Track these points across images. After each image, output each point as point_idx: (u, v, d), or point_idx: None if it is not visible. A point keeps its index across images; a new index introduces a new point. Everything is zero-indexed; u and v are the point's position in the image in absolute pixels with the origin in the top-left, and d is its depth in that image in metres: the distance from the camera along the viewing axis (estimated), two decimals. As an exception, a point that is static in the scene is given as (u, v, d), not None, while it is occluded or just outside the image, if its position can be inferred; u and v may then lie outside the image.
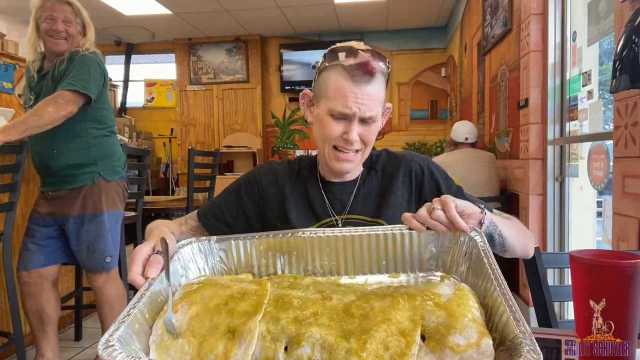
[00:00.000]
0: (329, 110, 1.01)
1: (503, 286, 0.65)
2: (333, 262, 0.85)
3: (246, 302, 0.68)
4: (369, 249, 0.85)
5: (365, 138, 1.03)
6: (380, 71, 1.00)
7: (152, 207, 3.17)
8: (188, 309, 0.69)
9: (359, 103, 0.99)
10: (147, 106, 7.18)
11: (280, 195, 1.12)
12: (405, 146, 6.45)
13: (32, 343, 2.70)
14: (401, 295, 0.67)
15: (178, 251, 0.82)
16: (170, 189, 6.74)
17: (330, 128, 1.02)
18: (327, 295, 0.70)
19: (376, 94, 1.00)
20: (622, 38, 1.37)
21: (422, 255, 0.84)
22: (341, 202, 1.11)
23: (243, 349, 0.62)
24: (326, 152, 1.06)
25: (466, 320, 0.62)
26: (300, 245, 0.85)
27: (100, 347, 0.58)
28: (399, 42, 6.50)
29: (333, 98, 1.00)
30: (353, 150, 1.03)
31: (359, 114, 0.99)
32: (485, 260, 0.73)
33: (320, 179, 1.14)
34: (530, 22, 2.79)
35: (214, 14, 5.73)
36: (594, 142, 2.29)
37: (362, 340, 0.61)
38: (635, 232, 1.70)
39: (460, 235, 0.81)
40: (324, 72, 1.03)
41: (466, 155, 3.30)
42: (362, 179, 1.13)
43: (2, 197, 2.33)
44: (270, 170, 1.16)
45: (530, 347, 0.53)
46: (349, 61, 0.98)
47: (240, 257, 0.86)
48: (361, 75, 0.97)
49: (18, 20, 5.68)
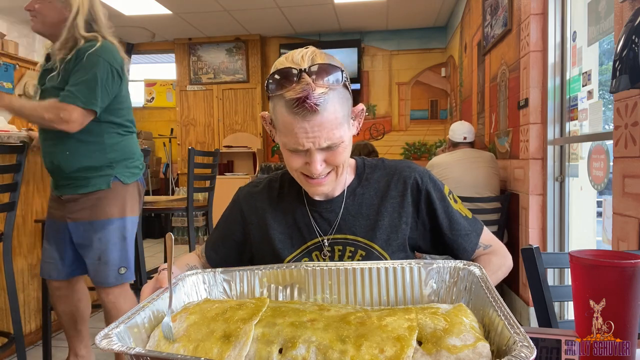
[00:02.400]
0: (284, 145, 0.93)
1: (499, 302, 0.66)
2: (334, 295, 0.86)
3: (244, 311, 0.69)
4: (371, 283, 0.86)
5: (333, 161, 0.94)
6: (329, 90, 0.87)
7: (152, 207, 3.17)
8: (187, 318, 0.70)
9: (310, 138, 0.88)
10: (147, 106, 7.18)
11: (262, 222, 1.07)
12: (405, 146, 6.46)
13: (32, 343, 2.70)
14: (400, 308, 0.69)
15: (184, 279, 0.85)
16: (170, 189, 6.74)
17: (292, 161, 0.94)
18: (325, 307, 0.71)
19: (330, 120, 0.88)
20: (622, 38, 1.37)
21: (423, 291, 0.85)
22: (328, 220, 1.04)
23: (237, 350, 0.62)
24: (297, 178, 0.99)
25: (463, 326, 0.62)
26: (302, 277, 0.87)
27: (99, 338, 0.60)
28: (399, 42, 6.50)
29: (284, 134, 0.91)
30: (323, 175, 0.95)
31: (314, 147, 0.90)
32: (482, 284, 0.74)
33: (305, 195, 1.06)
34: (530, 22, 2.79)
35: (214, 14, 5.73)
36: (594, 142, 2.29)
37: (358, 343, 0.61)
38: (635, 232, 1.70)
39: (461, 270, 0.83)
40: (271, 100, 0.92)
41: (466, 155, 3.30)
42: (351, 192, 1.05)
43: (2, 197, 2.33)
44: (249, 195, 1.11)
45: (524, 344, 0.53)
46: (289, 94, 0.86)
47: (243, 289, 0.88)
48: (305, 111, 0.85)
49: (18, 20, 5.68)
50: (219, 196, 3.56)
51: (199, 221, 5.73)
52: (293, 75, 0.86)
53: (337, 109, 0.89)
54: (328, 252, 1.03)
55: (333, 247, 1.03)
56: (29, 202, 2.67)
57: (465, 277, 0.81)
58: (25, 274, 2.64)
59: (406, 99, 6.56)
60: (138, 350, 0.57)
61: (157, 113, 7.22)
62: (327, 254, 1.02)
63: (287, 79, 0.87)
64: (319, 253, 1.03)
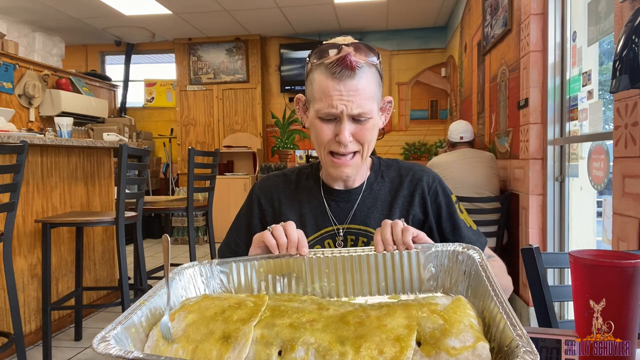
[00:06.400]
0: (316, 113, 0.96)
1: (500, 295, 0.65)
2: (332, 283, 0.85)
3: (242, 311, 0.68)
4: (369, 269, 0.84)
5: (360, 137, 0.97)
6: (366, 64, 0.94)
7: (152, 207, 3.17)
8: (185, 317, 0.69)
9: (344, 100, 0.92)
10: (147, 106, 7.18)
11: (277, 211, 1.09)
12: (405, 146, 6.46)
13: (32, 343, 2.70)
14: (399, 305, 0.68)
15: (180, 273, 0.83)
16: (170, 189, 6.74)
17: (321, 132, 0.97)
18: (324, 306, 0.70)
19: (364, 88, 0.93)
20: (622, 38, 1.37)
21: (422, 276, 0.84)
22: (344, 210, 1.06)
23: (236, 353, 0.62)
24: (323, 158, 1.01)
25: (462, 326, 0.61)
26: (299, 266, 0.85)
27: (96, 341, 0.59)
28: (399, 42, 6.50)
29: (319, 100, 0.95)
30: (349, 153, 0.98)
31: (346, 112, 0.93)
32: (482, 273, 0.73)
33: (323, 186, 1.09)
34: (530, 22, 2.79)
35: (214, 14, 5.73)
36: (594, 142, 2.29)
37: (357, 345, 0.60)
38: (635, 232, 1.70)
39: (460, 254, 0.81)
40: (310, 74, 0.99)
41: (465, 155, 3.30)
42: (369, 186, 1.08)
43: (2, 197, 2.33)
44: (265, 187, 1.13)
45: (527, 349, 0.53)
46: (330, 58, 0.93)
47: (240, 281, 0.86)
48: (342, 71, 0.91)
49: (18, 20, 5.69)
50: (219, 196, 3.56)
51: (199, 221, 5.73)
52: (334, 47, 0.95)
53: (371, 84, 0.95)
54: (342, 241, 1.04)
55: (346, 237, 1.04)
56: (29, 202, 2.67)
57: (465, 261, 0.80)
58: (25, 274, 2.64)
59: (406, 99, 6.56)
60: (136, 355, 0.57)
61: (157, 113, 7.22)
62: (341, 243, 1.04)
63: (332, 48, 0.95)
64: (332, 241, 1.05)
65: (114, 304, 2.70)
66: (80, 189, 3.11)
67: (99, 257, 3.33)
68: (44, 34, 5.79)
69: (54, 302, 2.62)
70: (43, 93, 5.16)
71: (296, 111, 1.08)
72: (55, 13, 5.59)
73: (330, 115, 0.95)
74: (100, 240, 3.35)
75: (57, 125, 2.95)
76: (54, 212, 2.86)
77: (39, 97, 5.12)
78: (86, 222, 2.50)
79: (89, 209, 3.19)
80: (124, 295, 2.46)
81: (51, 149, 2.82)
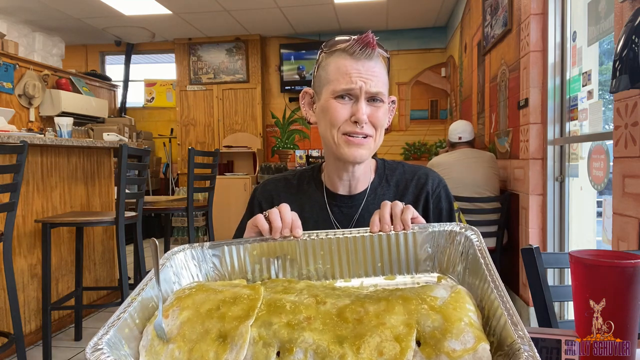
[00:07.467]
0: (332, 93, 0.96)
1: (500, 288, 0.65)
2: (327, 265, 0.83)
3: (238, 307, 0.67)
4: (364, 250, 0.83)
5: (375, 120, 0.97)
6: (380, 52, 0.98)
7: (152, 207, 3.17)
8: (179, 314, 0.68)
9: (363, 77, 0.94)
10: (147, 106, 7.18)
11: None
12: (405, 146, 6.45)
13: (32, 343, 2.70)
14: (396, 298, 0.66)
15: (171, 258, 0.81)
16: (170, 189, 6.74)
17: (337, 111, 0.96)
18: (321, 299, 0.69)
19: (380, 73, 0.96)
20: (622, 38, 1.37)
21: (418, 256, 0.82)
22: (348, 216, 1.05)
23: (234, 354, 0.61)
24: (335, 140, 0.98)
25: (462, 325, 0.61)
26: (293, 249, 0.83)
27: (88, 350, 0.57)
28: (399, 42, 6.50)
29: (335, 80, 0.96)
30: (364, 134, 0.97)
31: (365, 89, 0.94)
32: (481, 260, 0.72)
33: (326, 190, 1.07)
34: (530, 22, 2.79)
35: (214, 14, 5.73)
36: (594, 142, 2.29)
37: (356, 345, 0.60)
38: (635, 232, 1.70)
39: (457, 234, 0.80)
40: (323, 62, 1.00)
41: (465, 155, 3.30)
42: (372, 190, 1.07)
43: (2, 197, 2.33)
44: (266, 192, 1.12)
45: (530, 354, 0.52)
46: (348, 42, 0.96)
47: (233, 264, 0.84)
48: (362, 50, 0.94)
49: (18, 20, 5.69)
50: (219, 196, 3.56)
51: (199, 221, 5.73)
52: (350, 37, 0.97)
53: (383, 74, 0.98)
54: None
55: None
56: (29, 202, 2.67)
57: (462, 242, 0.79)
58: (25, 274, 2.64)
59: (406, 99, 6.56)
60: None
61: (157, 113, 7.22)
62: None
63: (345, 39, 0.97)
64: None
65: (114, 304, 2.70)
66: (80, 189, 3.11)
67: (99, 257, 3.33)
68: (44, 34, 5.79)
69: (54, 302, 2.62)
70: (43, 93, 5.16)
71: (301, 106, 1.07)
72: (55, 13, 5.59)
73: (348, 91, 0.95)
74: (100, 240, 3.35)
75: (57, 125, 2.95)
76: (54, 212, 2.86)
77: (39, 97, 5.12)
78: (86, 222, 2.50)
79: (89, 209, 3.19)
80: (124, 295, 2.47)
81: (51, 149, 2.82)
